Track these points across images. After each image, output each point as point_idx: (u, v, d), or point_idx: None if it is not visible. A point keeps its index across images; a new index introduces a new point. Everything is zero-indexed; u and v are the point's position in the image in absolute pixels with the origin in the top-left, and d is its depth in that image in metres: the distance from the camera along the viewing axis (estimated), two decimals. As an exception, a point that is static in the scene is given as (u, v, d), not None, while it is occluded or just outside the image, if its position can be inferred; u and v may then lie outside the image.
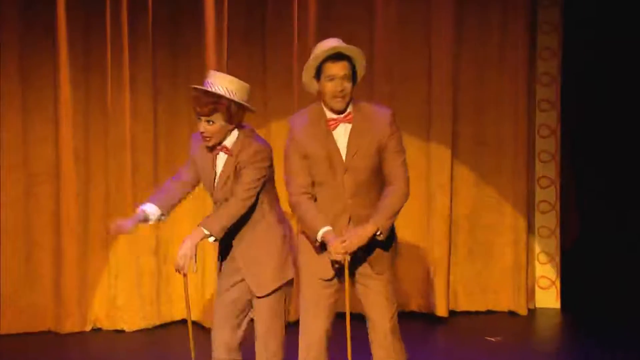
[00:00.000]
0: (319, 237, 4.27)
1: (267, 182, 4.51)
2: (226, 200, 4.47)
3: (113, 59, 6.71)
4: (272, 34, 6.81)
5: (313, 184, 4.35)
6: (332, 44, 4.32)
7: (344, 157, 4.31)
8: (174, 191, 4.59)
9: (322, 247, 4.32)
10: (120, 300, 6.82)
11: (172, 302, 6.93)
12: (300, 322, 4.47)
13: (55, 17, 6.62)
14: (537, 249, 7.21)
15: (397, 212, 4.30)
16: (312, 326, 4.38)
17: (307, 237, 4.39)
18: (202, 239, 4.39)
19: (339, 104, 4.29)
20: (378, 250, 4.38)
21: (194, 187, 4.67)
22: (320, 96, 4.35)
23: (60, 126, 6.69)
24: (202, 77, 6.06)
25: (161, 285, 6.87)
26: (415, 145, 6.91)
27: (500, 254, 7.10)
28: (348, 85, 4.28)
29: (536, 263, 7.21)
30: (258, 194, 4.46)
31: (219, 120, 4.39)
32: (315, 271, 4.42)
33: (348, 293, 4.36)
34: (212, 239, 4.40)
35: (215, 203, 4.55)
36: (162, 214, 4.56)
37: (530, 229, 7.12)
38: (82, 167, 6.75)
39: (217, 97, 4.35)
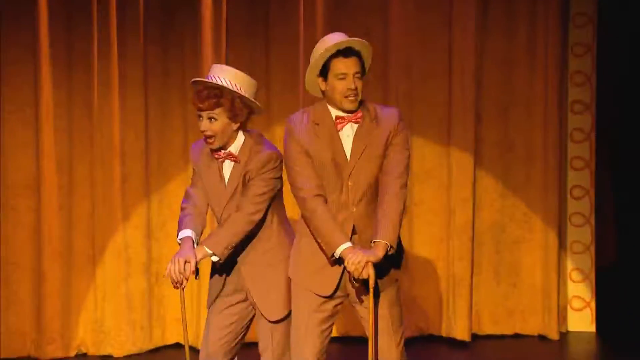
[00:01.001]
0: (337, 253, 4.21)
1: (277, 194, 4.48)
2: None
3: (99, 56, 6.64)
4: (276, 27, 6.77)
5: None
6: (338, 38, 4.29)
7: (348, 160, 4.30)
8: (197, 216, 4.48)
9: (336, 262, 4.27)
10: (108, 324, 6.76)
11: (165, 326, 6.88)
12: (291, 344, 4.42)
13: (36, 8, 6.57)
14: (570, 266, 7.10)
15: (402, 217, 4.27)
16: (302, 353, 4.34)
17: (320, 247, 4.30)
18: (203, 258, 4.33)
19: (351, 104, 4.27)
20: (381, 266, 4.28)
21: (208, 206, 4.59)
22: (325, 96, 4.34)
23: (40, 131, 6.63)
24: (198, 76, 6.28)
25: (153, 307, 6.82)
26: (434, 152, 6.86)
27: (528, 272, 7.00)
28: (360, 83, 4.27)
29: (569, 282, 7.11)
30: (267, 207, 4.42)
31: (222, 117, 4.34)
32: (311, 284, 4.34)
33: (372, 318, 4.24)
34: (215, 258, 4.35)
35: (219, 219, 4.48)
36: (198, 239, 4.45)
37: (562, 244, 7.03)
38: (65, 177, 6.70)
39: (219, 90, 4.33)
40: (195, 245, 4.36)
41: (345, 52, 4.26)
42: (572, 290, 7.12)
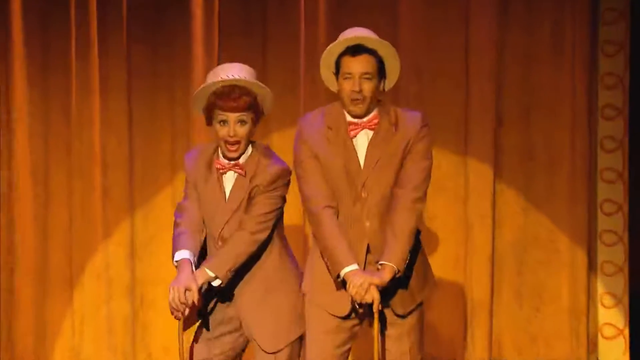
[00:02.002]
0: (342, 274, 4.20)
1: (281, 213, 4.50)
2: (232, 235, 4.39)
3: (78, 55, 6.63)
4: (274, 25, 6.73)
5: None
6: (357, 33, 4.30)
7: (362, 168, 4.30)
8: (193, 233, 4.44)
9: (342, 284, 4.24)
10: (87, 351, 6.74)
11: (150, 354, 6.79)
12: None
13: (8, 2, 6.60)
14: (600, 289, 6.91)
15: (413, 236, 4.25)
16: None
17: (324, 262, 4.32)
18: (205, 283, 4.31)
19: (355, 108, 4.26)
20: (399, 286, 4.29)
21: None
22: (339, 97, 4.36)
23: (13, 137, 6.66)
24: (187, 77, 6.49)
25: (137, 334, 6.76)
26: (448, 161, 6.76)
27: (554, 295, 6.86)
28: (368, 85, 4.23)
29: (599, 307, 6.93)
30: (272, 227, 4.43)
31: (249, 120, 4.36)
32: (325, 303, 4.34)
33: (376, 347, 4.24)
34: (217, 282, 4.32)
35: (215, 239, 4.45)
36: (196, 261, 4.42)
37: (592, 265, 6.90)
38: (39, 188, 6.71)
39: (249, 89, 4.35)
40: (193, 268, 4.32)
41: (354, 49, 4.23)
42: (603, 317, 6.93)
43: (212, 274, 4.28)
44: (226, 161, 4.41)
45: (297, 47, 6.65)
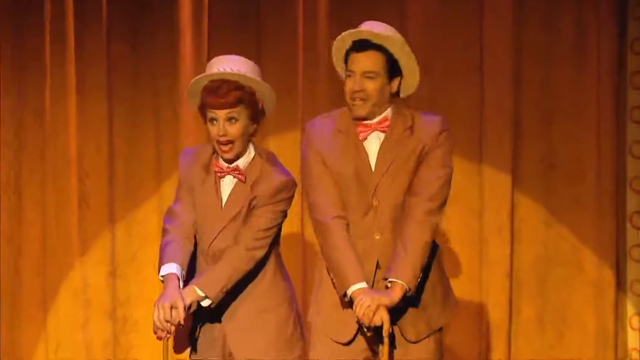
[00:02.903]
0: (348, 293, 4.17)
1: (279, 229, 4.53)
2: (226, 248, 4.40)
3: (53, 53, 6.61)
4: (270, 20, 6.66)
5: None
6: (367, 27, 4.29)
7: (373, 174, 4.32)
8: (183, 242, 4.43)
9: (350, 304, 4.22)
10: None
11: None
12: None
13: None
14: (630, 310, 6.76)
15: (427, 251, 4.24)
16: None
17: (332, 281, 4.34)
18: (193, 302, 4.29)
19: (356, 109, 4.26)
20: (412, 306, 4.30)
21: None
22: None
23: None
24: (173, 77, 6.48)
25: None
26: (462, 169, 6.48)
27: (578, 317, 6.71)
28: (372, 85, 4.22)
29: (628, 330, 6.76)
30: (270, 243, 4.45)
31: (243, 117, 4.34)
32: (329, 329, 4.35)
33: None
34: (207, 302, 4.31)
35: (205, 250, 4.44)
36: (185, 274, 4.41)
37: (620, 284, 6.73)
38: (11, 197, 6.68)
39: (238, 82, 4.34)
40: (181, 283, 4.30)
41: (359, 45, 4.23)
42: (633, 341, 6.79)
43: (201, 294, 4.24)
44: (225, 164, 4.38)
45: (295, 44, 6.59)
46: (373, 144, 4.30)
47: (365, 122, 4.29)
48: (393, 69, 4.25)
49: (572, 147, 6.68)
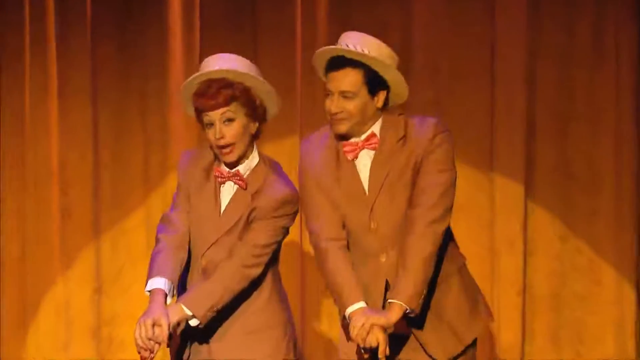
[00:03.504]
0: (347, 314, 4.17)
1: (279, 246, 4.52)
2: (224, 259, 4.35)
3: (33, 53, 6.58)
4: (266, 18, 6.60)
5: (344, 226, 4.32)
6: (344, 39, 4.27)
7: (367, 194, 4.29)
8: (175, 252, 4.39)
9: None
10: None
11: None
12: None
13: None
14: None
15: (430, 265, 4.20)
16: None
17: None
18: (180, 321, 4.24)
19: (336, 128, 4.23)
20: (434, 322, 4.33)
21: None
22: None
23: None
24: (162, 79, 6.45)
25: None
26: (471, 179, 6.55)
27: (596, 337, 6.62)
28: (350, 104, 4.19)
29: None
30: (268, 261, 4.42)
31: (239, 115, 4.29)
32: (342, 347, 4.40)
33: None
34: (194, 322, 4.24)
35: (198, 260, 4.39)
36: (173, 288, 4.38)
37: None
38: None
39: (228, 79, 4.30)
40: (169, 299, 4.26)
41: (335, 62, 4.21)
42: None
43: (189, 312, 4.18)
44: (227, 169, 4.33)
45: (293, 43, 6.57)
46: (363, 162, 4.27)
47: (352, 140, 4.27)
48: (374, 83, 4.21)
49: (589, 154, 6.61)
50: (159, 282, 4.25)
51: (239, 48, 6.05)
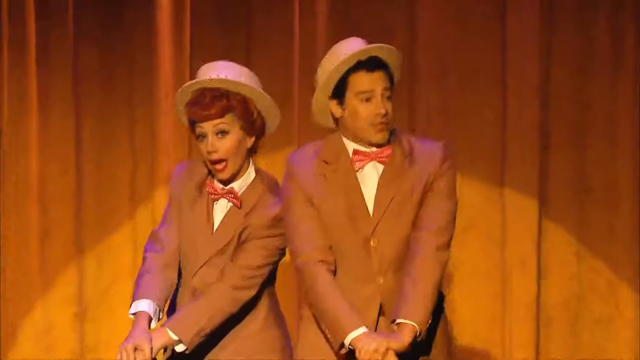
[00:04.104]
0: (347, 342, 4.06)
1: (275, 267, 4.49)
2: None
3: (11, 60, 6.56)
4: (262, 19, 6.58)
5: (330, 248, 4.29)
6: (356, 45, 4.23)
7: (371, 212, 4.21)
8: (162, 273, 4.35)
9: (349, 356, 4.12)
10: None
11: None
12: None
13: None
14: None
15: (437, 292, 4.18)
16: None
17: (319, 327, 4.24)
18: (165, 346, 4.19)
19: (381, 135, 4.20)
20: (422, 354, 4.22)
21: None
22: (340, 126, 4.30)
23: None
24: (150, 86, 6.44)
25: None
26: (480, 193, 6.54)
27: None
28: (390, 106, 4.22)
29: None
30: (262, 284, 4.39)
31: (234, 128, 4.24)
32: None
33: None
34: (181, 347, 4.18)
35: (188, 281, 4.35)
36: (160, 311, 4.37)
37: None
38: None
39: (224, 90, 4.25)
40: (154, 321, 4.23)
41: (368, 63, 4.17)
42: None
43: (174, 337, 4.12)
44: (220, 186, 4.29)
45: (290, 47, 6.53)
46: (369, 176, 4.24)
47: (364, 149, 4.26)
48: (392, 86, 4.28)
49: (607, 168, 6.57)
50: (144, 305, 4.22)
51: (231, 50, 6.40)
